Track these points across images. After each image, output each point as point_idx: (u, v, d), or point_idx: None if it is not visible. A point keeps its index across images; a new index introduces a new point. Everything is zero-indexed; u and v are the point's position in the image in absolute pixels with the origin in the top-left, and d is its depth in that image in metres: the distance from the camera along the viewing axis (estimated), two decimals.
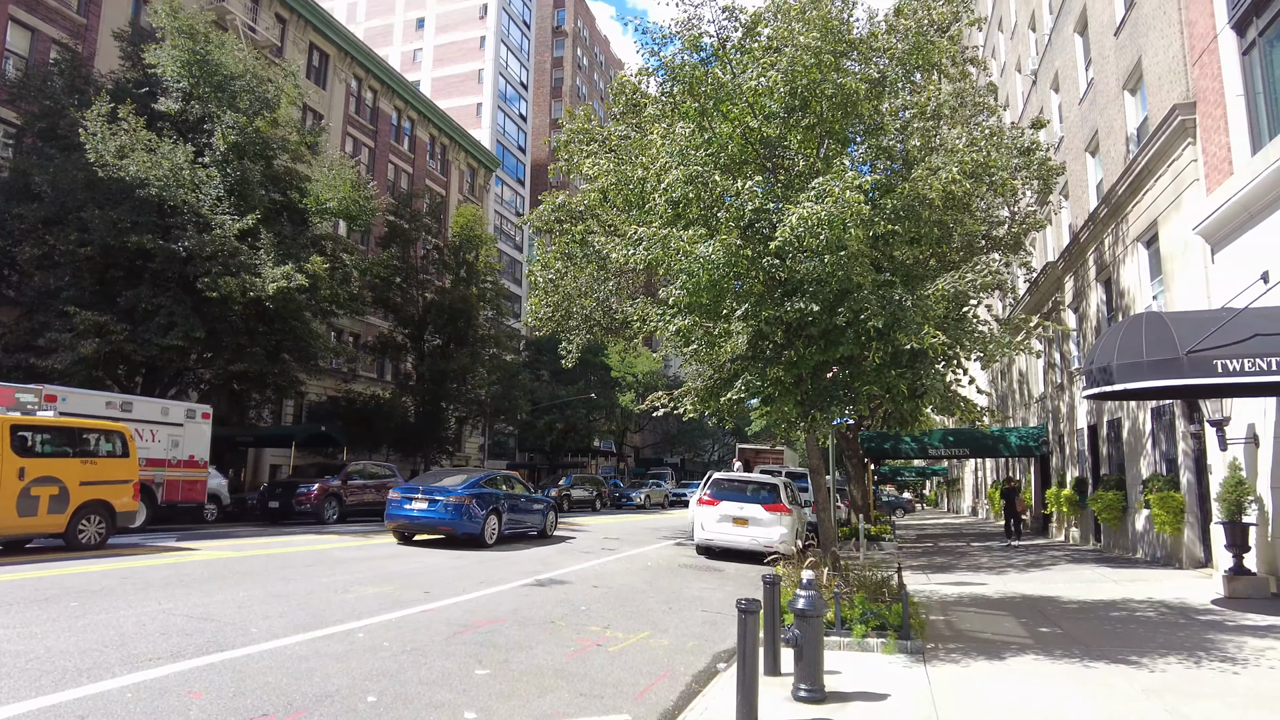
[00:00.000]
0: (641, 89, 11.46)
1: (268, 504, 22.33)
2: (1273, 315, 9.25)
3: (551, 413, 47.92)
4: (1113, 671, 6.67)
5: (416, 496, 15.90)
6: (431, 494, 15.79)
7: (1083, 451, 20.25)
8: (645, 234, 8.24)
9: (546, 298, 18.09)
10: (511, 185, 63.60)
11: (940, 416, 23.02)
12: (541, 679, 6.43)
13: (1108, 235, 17.20)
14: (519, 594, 10.45)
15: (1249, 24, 10.96)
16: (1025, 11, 25.77)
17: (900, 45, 8.83)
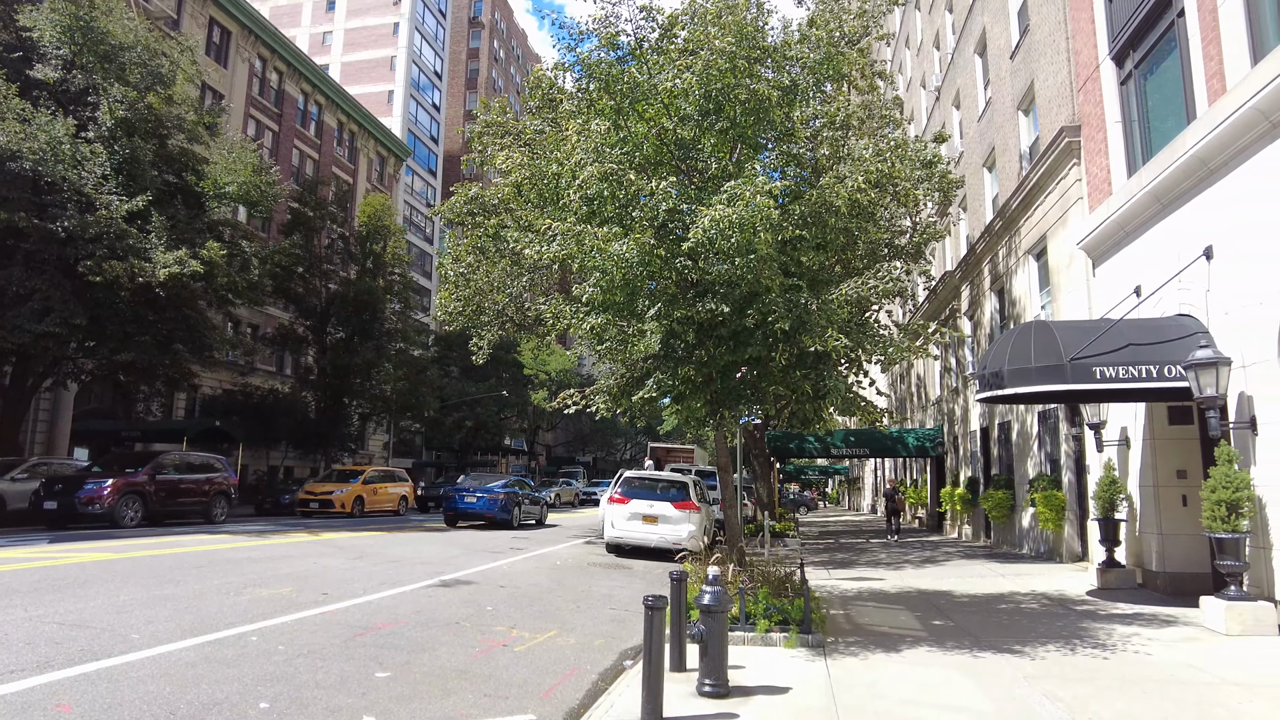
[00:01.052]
0: (558, 84, 11.37)
1: (43, 504, 18.07)
2: (1144, 326, 9.96)
3: (461, 410, 47.07)
4: (999, 660, 7.03)
5: (467, 494, 22.75)
6: (476, 492, 22.70)
7: (975, 452, 21.30)
8: (559, 230, 8.19)
9: (457, 291, 17.73)
10: (423, 176, 62.14)
11: (842, 417, 23.77)
12: (445, 680, 6.30)
13: (1001, 247, 18.13)
14: (422, 595, 10.22)
15: (1126, 57, 11.75)
16: (930, 30, 26.89)
17: (812, 55, 9.06)
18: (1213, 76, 9.28)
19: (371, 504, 28.17)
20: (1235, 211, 8.90)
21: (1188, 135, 9.51)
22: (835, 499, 72.20)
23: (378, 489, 28.83)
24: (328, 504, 26.42)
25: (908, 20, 31.07)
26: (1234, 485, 8.21)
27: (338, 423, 35.33)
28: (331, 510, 26.32)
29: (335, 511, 26.27)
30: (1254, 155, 8.54)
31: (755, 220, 7.27)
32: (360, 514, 27.05)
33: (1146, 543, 11.21)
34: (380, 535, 18.93)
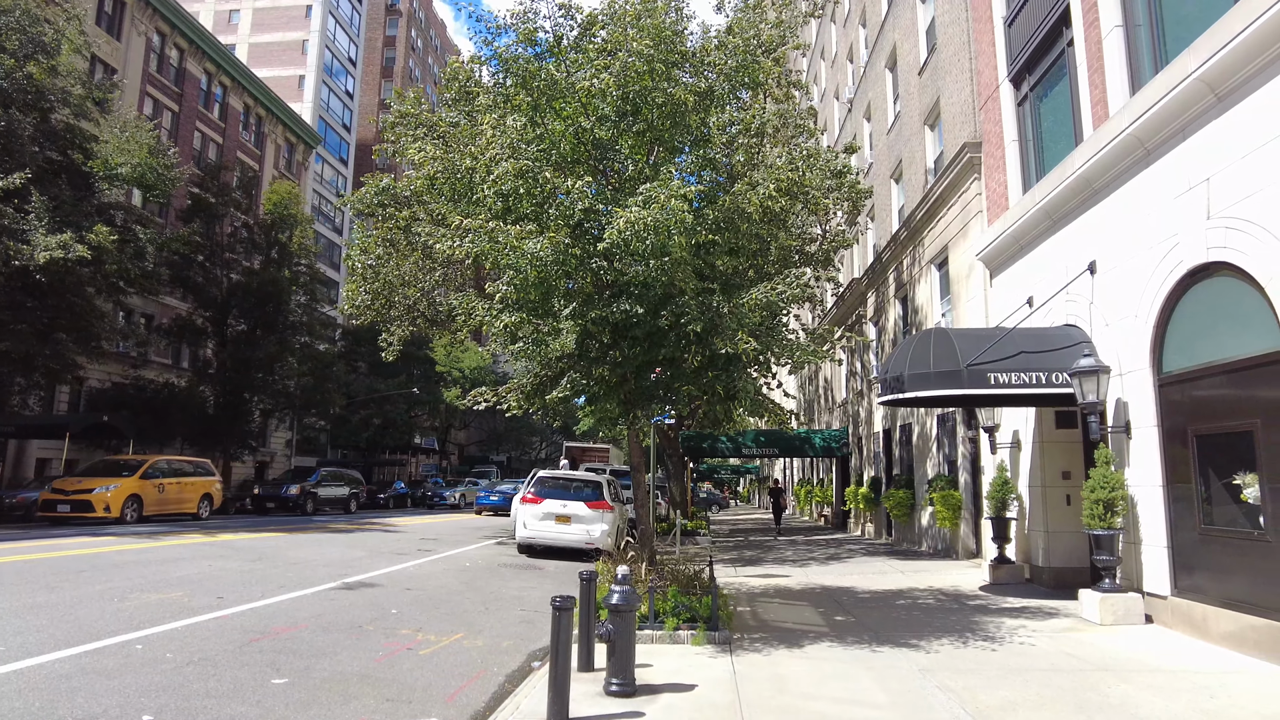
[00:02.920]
0: (475, 77, 11.19)
1: None
2: (1035, 335, 10.55)
3: (369, 407, 45.74)
4: (896, 654, 7.30)
5: (493, 493, 30.83)
6: (496, 491, 29.73)
7: (878, 453, 22.08)
8: (472, 226, 8.07)
9: (366, 285, 17.24)
10: (334, 164, 60.12)
11: (753, 418, 24.28)
12: (346, 686, 6.12)
13: (906, 256, 18.86)
14: (324, 598, 9.89)
15: (1023, 79, 12.41)
16: (845, 43, 27.72)
17: (729, 62, 9.21)
18: (1098, 103, 9.90)
19: (156, 505, 22.02)
20: (1115, 230, 9.51)
21: (1075, 157, 10.11)
22: (746, 497, 73.62)
23: (166, 485, 22.62)
24: (84, 506, 19.93)
25: (823, 32, 31.94)
26: (1110, 485, 8.78)
27: (238, 419, 33.79)
28: (90, 515, 19.78)
29: (95, 517, 19.78)
30: (1132, 178, 9.15)
31: (670, 223, 7.33)
32: (137, 518, 21.02)
33: (1034, 540, 11.85)
34: (282, 536, 18.22)
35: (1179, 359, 8.49)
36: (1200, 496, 8.15)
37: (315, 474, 33.04)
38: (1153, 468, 8.73)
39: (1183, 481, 8.39)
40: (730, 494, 74.39)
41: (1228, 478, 7.78)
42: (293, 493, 30.21)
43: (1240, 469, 7.59)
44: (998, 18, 13.09)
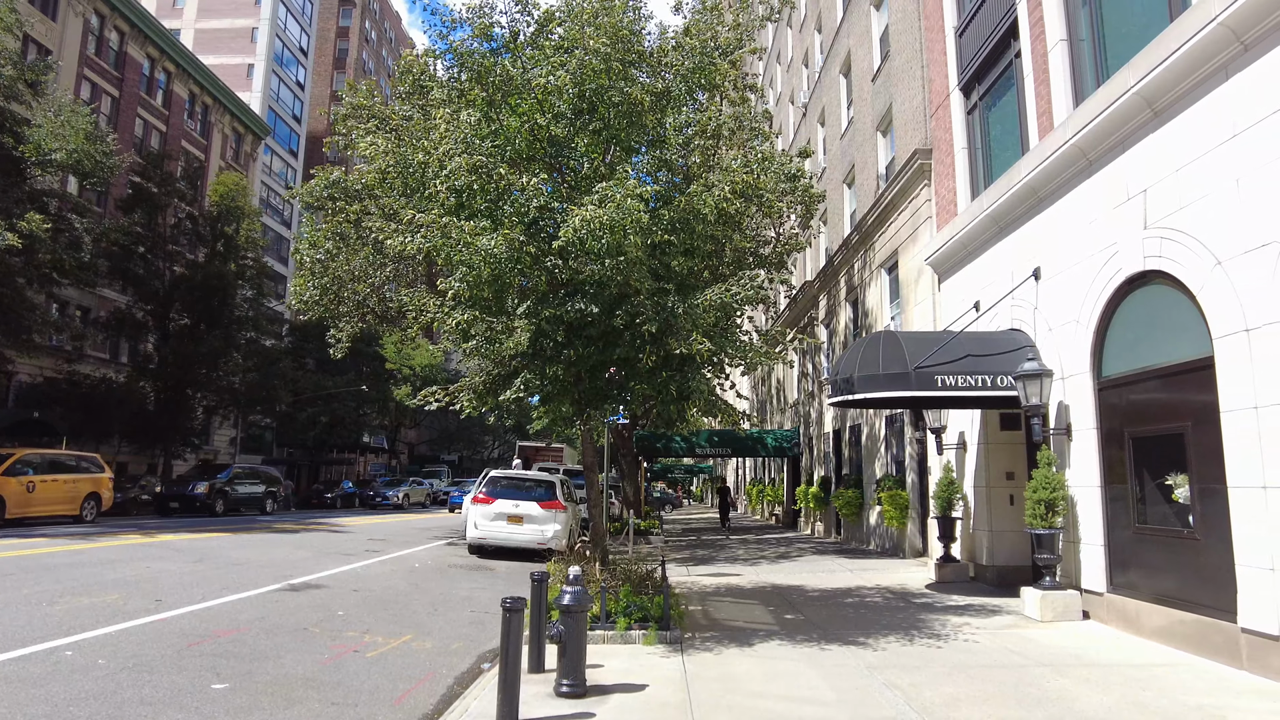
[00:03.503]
0: (429, 71, 11.03)
1: None
2: (982, 339, 10.80)
3: (316, 405, 44.77)
4: (844, 652, 7.40)
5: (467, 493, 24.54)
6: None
7: (828, 453, 22.39)
8: (425, 221, 7.95)
9: (314, 279, 16.86)
10: (283, 156, 58.74)
11: (706, 418, 24.43)
12: (289, 690, 5.98)
13: (858, 260, 19.16)
14: (267, 600, 9.66)
15: (973, 89, 12.70)
16: (800, 49, 28.04)
17: (686, 63, 9.23)
18: (1043, 114, 10.17)
19: (21, 506, 18.88)
20: (1059, 238, 9.79)
21: (1022, 165, 10.38)
22: (699, 496, 74.02)
23: (38, 483, 19.59)
24: None
25: (780, 37, 32.27)
26: (1051, 486, 9.03)
27: (179, 415, 32.79)
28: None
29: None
30: (1075, 188, 9.43)
31: (626, 223, 7.32)
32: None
33: (978, 539, 12.14)
34: (226, 537, 17.74)
35: (1117, 363, 8.77)
36: (1135, 497, 8.44)
37: (227, 470, 29.25)
38: (1091, 469, 9.01)
39: (1119, 482, 8.67)
40: (684, 493, 74.73)
41: (1160, 479, 8.07)
42: (199, 491, 26.72)
43: (1172, 470, 7.87)
44: (949, 27, 13.37)
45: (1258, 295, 6.58)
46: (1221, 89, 7.08)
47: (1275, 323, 6.40)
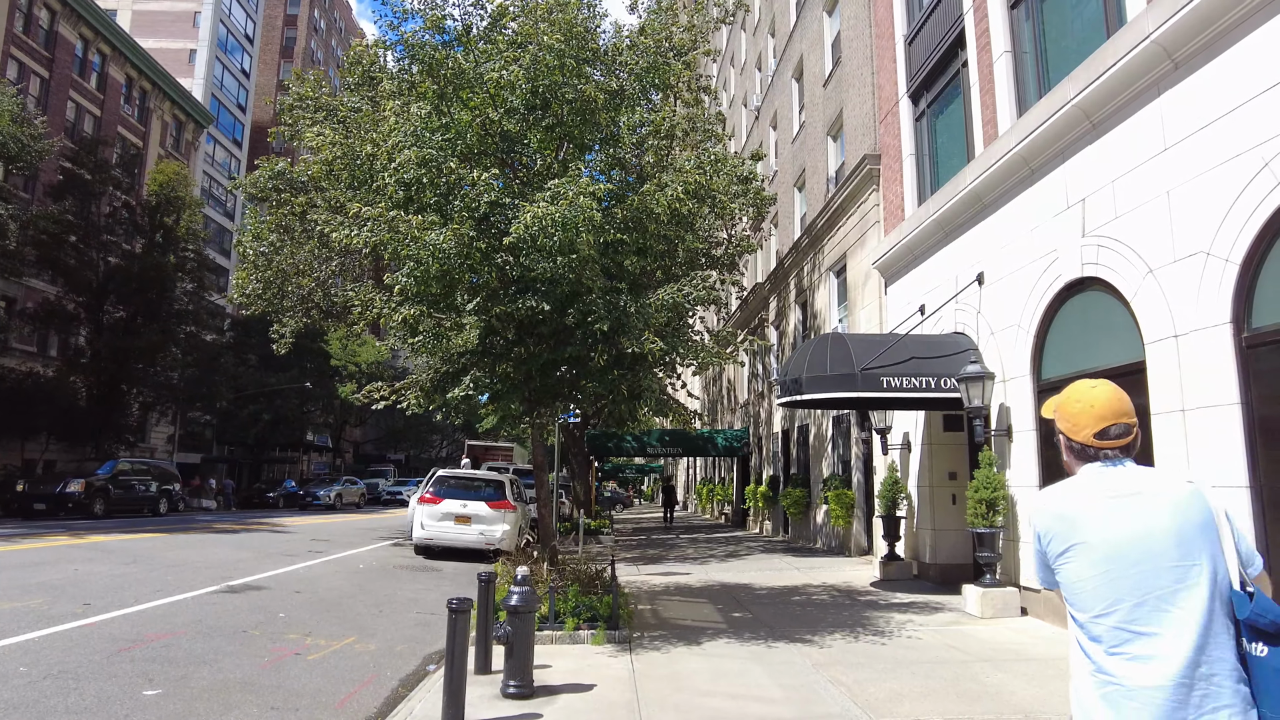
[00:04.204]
0: (379, 62, 10.82)
1: None
2: (926, 342, 11.02)
3: (258, 402, 43.63)
4: (791, 650, 7.48)
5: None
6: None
7: (777, 453, 22.64)
8: (372, 214, 7.79)
9: (258, 273, 16.42)
10: (226, 146, 57.12)
11: (658, 418, 24.52)
12: (226, 694, 5.80)
13: (807, 263, 19.41)
14: (205, 602, 9.37)
15: (921, 96, 12.96)
16: (754, 52, 28.30)
17: (641, 62, 9.23)
18: (988, 123, 10.43)
19: None
20: (1002, 244, 10.05)
21: (967, 172, 10.63)
22: (650, 496, 74.13)
23: None
24: None
25: (734, 39, 32.52)
26: (993, 486, 9.27)
27: (113, 412, 31.61)
28: None
29: None
30: (1018, 195, 9.69)
31: (578, 220, 7.28)
32: None
33: (922, 537, 12.39)
34: (161, 538, 17.18)
35: (1057, 366, 9.04)
36: None
37: (108, 465, 25.62)
38: (1031, 469, 9.27)
39: (1057, 482, 8.93)
40: (635, 493, 74.81)
41: None
42: (72, 490, 23.02)
43: None
44: (899, 35, 13.62)
45: (1185, 303, 6.85)
46: (1154, 104, 7.34)
47: (1201, 329, 6.66)
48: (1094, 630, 2.00)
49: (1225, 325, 6.44)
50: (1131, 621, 1.94)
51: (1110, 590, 1.96)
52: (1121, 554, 1.97)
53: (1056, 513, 2.12)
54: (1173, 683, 1.87)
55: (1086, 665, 2.03)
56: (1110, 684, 1.94)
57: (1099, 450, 2.13)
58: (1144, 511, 1.99)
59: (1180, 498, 2.00)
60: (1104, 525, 2.02)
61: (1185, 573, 1.93)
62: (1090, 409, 2.15)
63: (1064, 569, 2.08)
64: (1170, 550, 1.94)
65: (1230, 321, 6.40)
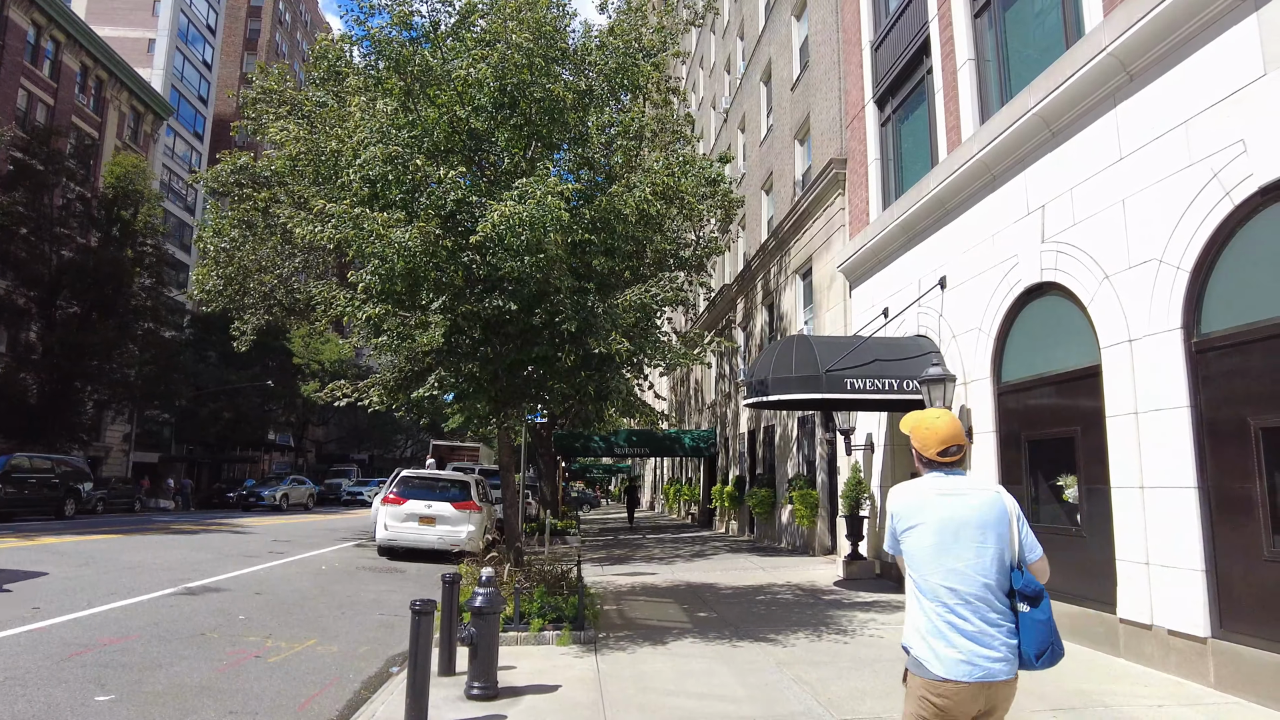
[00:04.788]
0: (345, 57, 10.68)
1: None
2: (890, 344, 11.17)
3: (219, 400, 42.80)
4: (755, 649, 7.54)
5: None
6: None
7: (743, 453, 22.78)
8: (336, 211, 7.69)
9: (219, 269, 16.10)
10: (187, 139, 55.93)
11: (625, 418, 24.55)
12: (183, 699, 5.69)
13: (774, 265, 19.56)
14: (162, 605, 9.18)
15: (887, 102, 13.14)
16: (723, 54, 28.43)
17: (610, 62, 9.23)
18: (952, 129, 10.61)
19: None
20: (964, 248, 10.23)
21: (931, 178, 10.80)
22: (618, 496, 74.05)
23: None
24: None
25: (703, 41, 32.65)
26: None
27: (66, 410, 30.78)
28: None
29: None
30: (980, 201, 9.86)
31: (546, 220, 7.26)
32: None
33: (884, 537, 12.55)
34: (116, 539, 16.78)
35: (1016, 369, 9.22)
36: (1030, 496, 8.88)
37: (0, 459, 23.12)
38: (990, 470, 9.44)
39: (1015, 483, 9.11)
40: (602, 493, 74.71)
41: (1053, 480, 8.52)
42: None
43: (1063, 472, 8.33)
44: (866, 41, 13.79)
45: (1139, 309, 7.03)
46: (1110, 114, 7.53)
47: (1154, 334, 6.85)
48: (923, 585, 2.90)
49: (1176, 331, 6.62)
50: (949, 578, 2.85)
51: (938, 555, 2.88)
52: (945, 531, 2.88)
53: (906, 502, 3.00)
54: (978, 620, 2.83)
55: (919, 603, 2.93)
56: (939, 615, 2.86)
57: (940, 462, 3.02)
58: (961, 505, 2.91)
59: (985, 499, 2.93)
60: (936, 512, 2.91)
61: (982, 549, 2.86)
62: (936, 434, 3.03)
63: (907, 540, 2.96)
64: (974, 532, 2.87)
65: (1181, 327, 6.59)
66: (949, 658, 2.83)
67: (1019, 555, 2.95)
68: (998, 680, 2.85)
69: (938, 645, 2.86)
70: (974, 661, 2.81)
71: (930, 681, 2.86)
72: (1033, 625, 2.90)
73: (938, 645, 2.86)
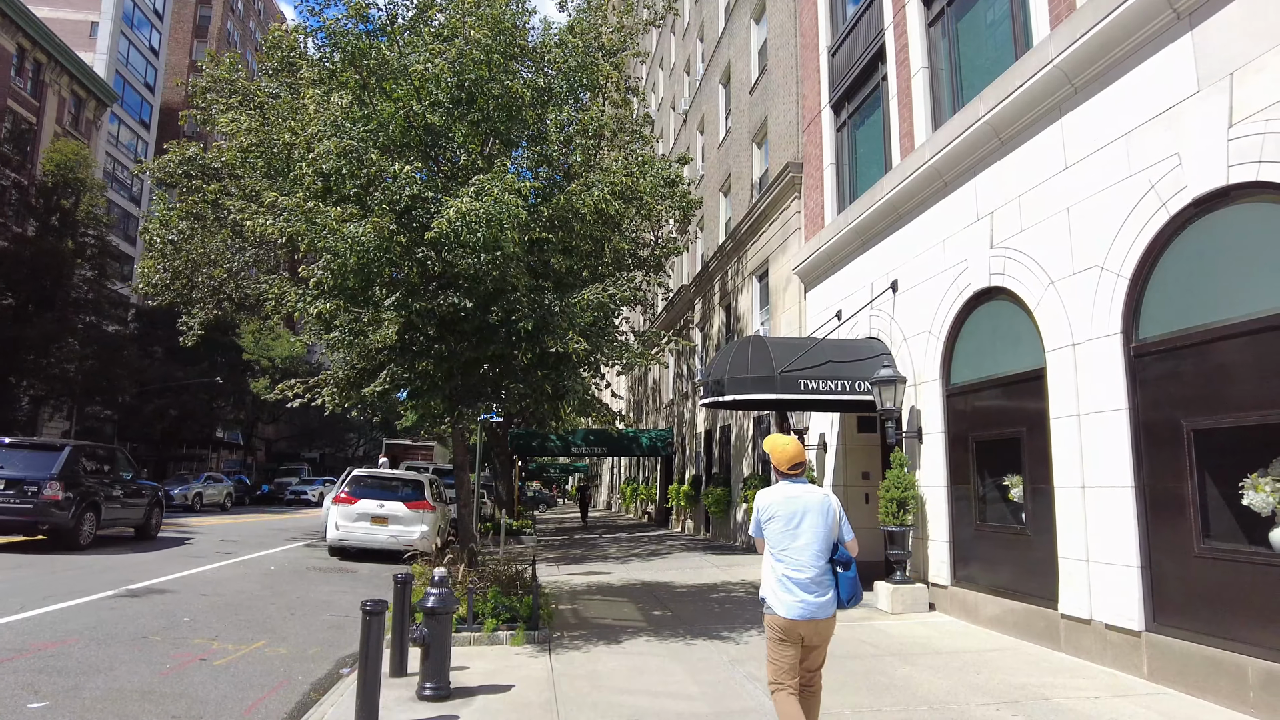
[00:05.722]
0: (300, 48, 10.47)
1: None
2: (843, 346, 11.35)
3: (164, 396, 41.59)
4: (709, 647, 7.60)
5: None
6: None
7: (700, 453, 22.91)
8: (288, 205, 7.55)
9: (165, 262, 15.66)
10: (132, 127, 54.23)
11: (582, 417, 24.53)
12: (123, 704, 5.54)
13: (731, 267, 19.71)
14: (102, 607, 8.90)
15: (843, 107, 13.34)
16: (683, 56, 28.55)
17: (569, 60, 9.21)
18: (905, 135, 10.82)
19: None
20: (916, 252, 10.44)
21: (884, 183, 10.99)
22: (574, 495, 73.84)
23: None
24: None
25: (663, 42, 32.74)
26: (903, 486, 9.61)
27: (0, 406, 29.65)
28: None
29: None
30: (932, 206, 10.08)
31: (503, 217, 7.22)
32: None
33: None
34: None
35: (965, 372, 9.44)
36: (977, 496, 9.11)
37: None
38: (939, 470, 9.66)
39: (963, 483, 9.34)
40: (559, 492, 74.46)
41: (999, 479, 8.75)
42: None
43: (1009, 472, 8.56)
44: (823, 46, 13.98)
45: (1082, 314, 7.26)
46: (1057, 125, 7.76)
47: (1095, 339, 7.08)
48: (777, 554, 4.31)
49: (1116, 336, 6.86)
50: (791, 551, 4.27)
51: (785, 536, 4.30)
52: (790, 520, 4.30)
53: (769, 500, 4.41)
54: (809, 578, 4.23)
55: (772, 568, 4.33)
56: (784, 577, 4.26)
57: (788, 473, 4.45)
58: (801, 503, 4.33)
59: (818, 498, 4.36)
60: (786, 508, 4.33)
61: (815, 533, 4.28)
62: (786, 454, 4.46)
63: (767, 527, 4.38)
64: (809, 521, 4.29)
65: (1121, 332, 6.83)
66: (788, 602, 4.22)
67: (839, 536, 4.38)
68: (821, 618, 4.25)
69: (782, 594, 4.24)
70: (805, 604, 4.21)
71: (778, 618, 4.25)
72: (846, 581, 4.33)
73: (782, 594, 4.24)
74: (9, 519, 13.15)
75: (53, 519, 13.43)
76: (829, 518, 4.32)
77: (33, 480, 13.25)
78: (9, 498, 13.07)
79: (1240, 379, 5.84)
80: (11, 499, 13.10)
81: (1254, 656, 5.54)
